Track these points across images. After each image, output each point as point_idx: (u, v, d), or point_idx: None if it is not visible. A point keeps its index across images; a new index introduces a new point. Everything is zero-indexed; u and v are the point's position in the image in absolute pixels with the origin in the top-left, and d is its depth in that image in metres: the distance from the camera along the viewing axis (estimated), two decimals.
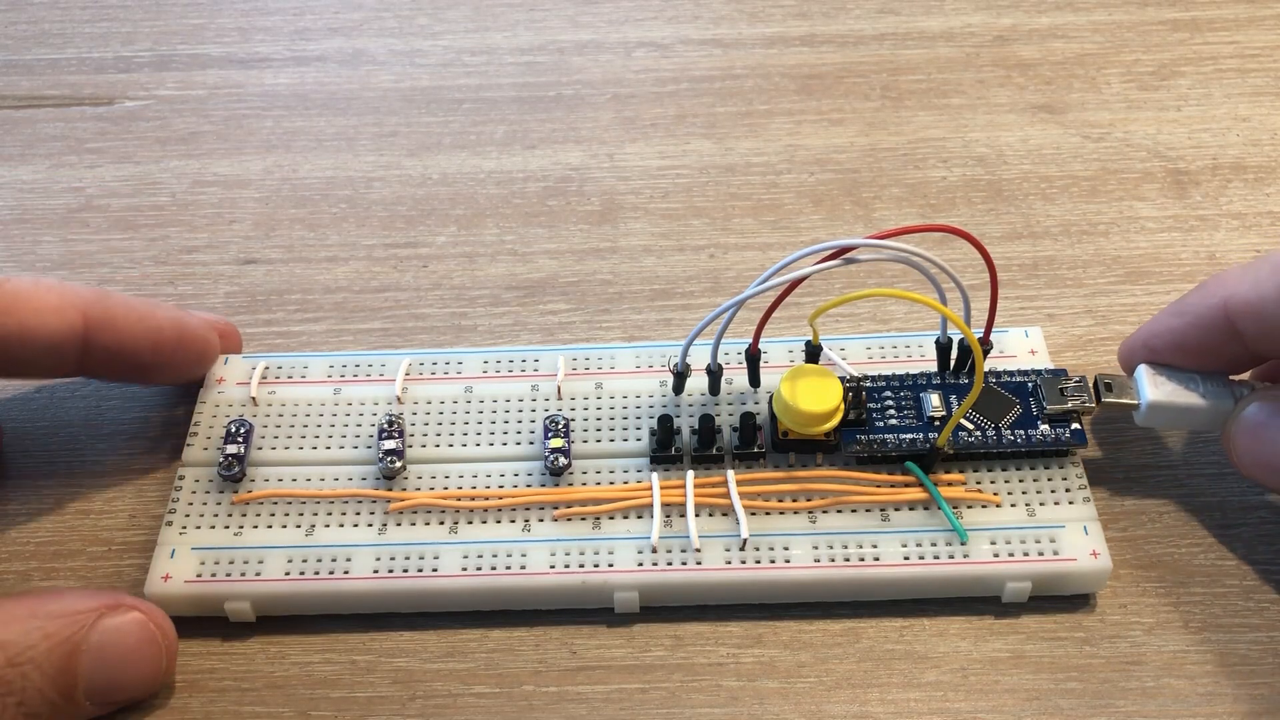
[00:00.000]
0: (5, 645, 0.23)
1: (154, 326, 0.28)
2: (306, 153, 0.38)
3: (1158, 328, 0.27)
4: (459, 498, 0.27)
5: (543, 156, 0.37)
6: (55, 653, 0.23)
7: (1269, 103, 0.38)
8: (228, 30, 0.42)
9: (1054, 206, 0.35)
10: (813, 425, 0.27)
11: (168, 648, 0.25)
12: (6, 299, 0.25)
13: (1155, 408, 0.27)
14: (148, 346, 0.28)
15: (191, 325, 0.29)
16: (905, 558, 0.26)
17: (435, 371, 0.30)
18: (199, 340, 0.29)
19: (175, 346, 0.28)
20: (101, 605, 0.24)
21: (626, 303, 0.33)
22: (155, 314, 0.28)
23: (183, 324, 0.29)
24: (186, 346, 0.29)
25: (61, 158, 0.38)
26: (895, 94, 0.39)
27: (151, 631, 0.25)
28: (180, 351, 0.28)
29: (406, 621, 0.27)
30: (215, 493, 0.28)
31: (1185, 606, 0.26)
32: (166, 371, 0.29)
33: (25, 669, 0.23)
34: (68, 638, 0.24)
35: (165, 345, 0.28)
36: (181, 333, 0.28)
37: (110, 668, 0.24)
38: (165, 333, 0.28)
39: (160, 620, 0.25)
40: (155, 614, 0.25)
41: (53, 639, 0.23)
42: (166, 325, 0.28)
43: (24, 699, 0.23)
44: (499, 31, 0.42)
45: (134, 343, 0.27)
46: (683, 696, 0.26)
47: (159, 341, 0.28)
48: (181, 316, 0.29)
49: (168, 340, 0.28)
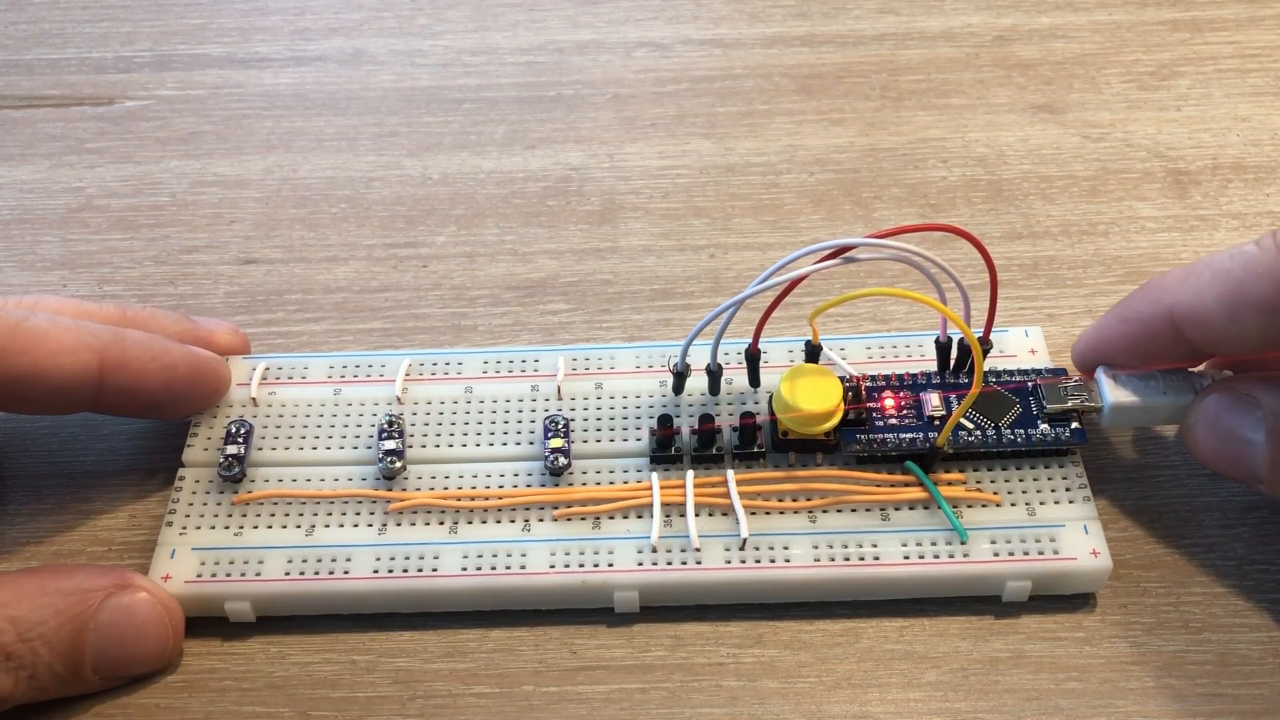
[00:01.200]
0: (16, 621, 0.24)
1: (168, 365, 0.27)
2: (306, 153, 0.38)
3: (1107, 334, 0.27)
4: (459, 498, 0.27)
5: (543, 156, 0.37)
6: (65, 629, 0.24)
7: (1269, 103, 0.38)
8: (228, 30, 0.42)
9: (1054, 206, 0.35)
10: (813, 425, 0.27)
11: (174, 627, 0.26)
12: (23, 339, 0.25)
13: (1118, 409, 0.27)
14: (161, 387, 0.27)
15: (206, 363, 0.29)
16: (905, 557, 0.26)
17: (435, 372, 0.30)
18: (212, 376, 0.29)
19: (190, 385, 0.28)
20: (111, 583, 0.25)
21: (626, 303, 0.33)
22: (170, 353, 0.28)
23: (198, 362, 0.28)
24: (201, 383, 0.28)
25: (61, 158, 0.38)
26: (895, 94, 0.39)
27: (159, 611, 0.25)
28: (195, 389, 0.28)
29: (406, 621, 0.27)
30: (215, 493, 0.28)
31: (1185, 606, 0.26)
32: (180, 409, 0.29)
33: (35, 644, 0.24)
34: (77, 614, 0.24)
35: (179, 385, 0.28)
36: (196, 372, 0.28)
37: (118, 645, 0.25)
38: (179, 371, 0.28)
39: (167, 600, 0.26)
40: (162, 594, 0.26)
41: (62, 615, 0.24)
42: (181, 365, 0.28)
43: (34, 673, 0.24)
44: (499, 31, 0.42)
45: (148, 383, 0.27)
46: (683, 696, 0.26)
47: (173, 381, 0.28)
48: (196, 355, 0.29)
49: (182, 380, 0.28)
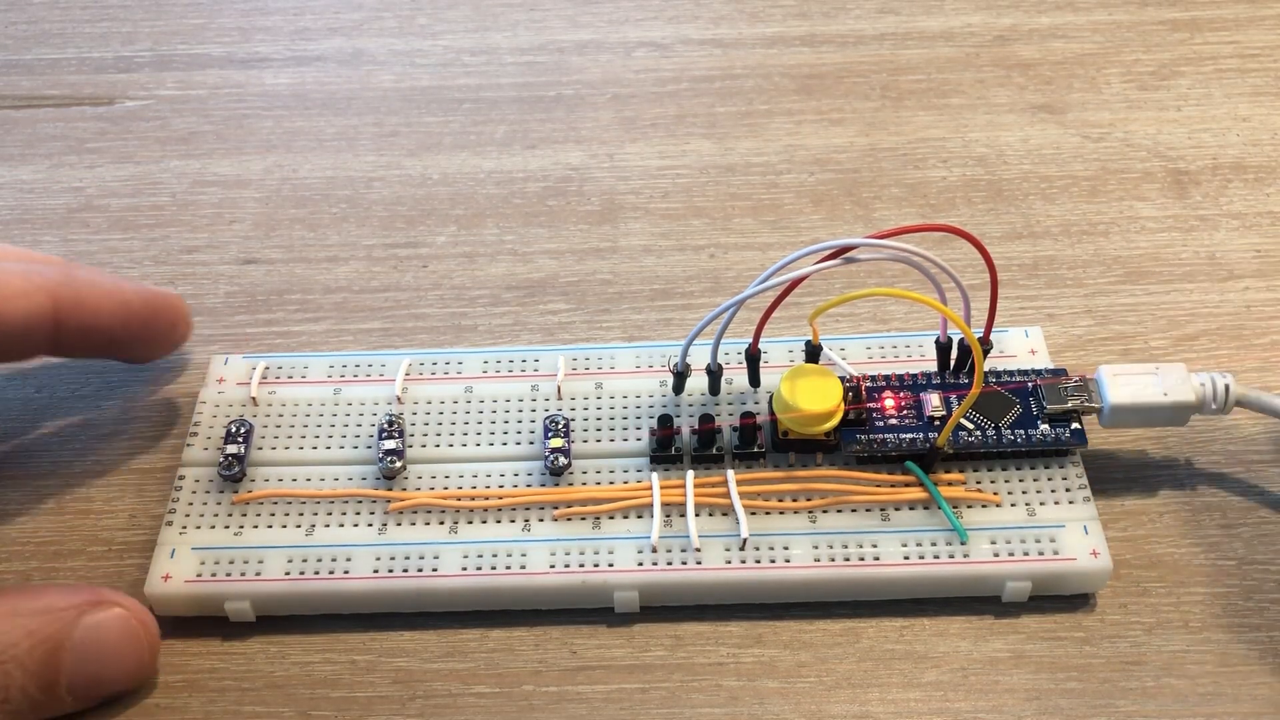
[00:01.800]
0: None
1: (122, 301, 0.27)
2: (306, 153, 0.38)
3: None
4: (459, 498, 0.27)
5: (543, 156, 0.37)
6: (38, 650, 0.23)
7: (1269, 103, 0.38)
8: (228, 30, 0.42)
9: (1054, 206, 0.35)
10: (813, 425, 0.27)
11: (150, 643, 0.25)
12: None
13: (1118, 409, 0.27)
14: (118, 322, 0.27)
15: (161, 297, 0.29)
16: (905, 557, 0.26)
17: (435, 371, 0.30)
18: (169, 309, 0.29)
19: (146, 318, 0.28)
20: (83, 601, 0.24)
21: (626, 303, 0.33)
22: (123, 288, 0.28)
23: (152, 297, 0.28)
24: (158, 316, 0.28)
25: (61, 158, 0.38)
26: (895, 94, 0.39)
27: (134, 626, 0.25)
28: (152, 322, 0.28)
29: (406, 621, 0.27)
30: (215, 493, 0.28)
31: (1185, 606, 0.26)
32: (140, 346, 0.28)
33: (8, 667, 0.23)
34: (51, 635, 0.24)
35: (135, 319, 0.28)
36: (150, 304, 0.28)
37: (93, 663, 0.24)
38: (134, 306, 0.28)
39: (142, 615, 0.25)
40: (136, 609, 0.25)
41: (35, 636, 0.23)
42: (134, 298, 0.28)
43: (7, 695, 0.23)
44: (499, 31, 0.42)
45: (105, 319, 0.27)
46: (683, 696, 0.25)
47: (129, 316, 0.27)
48: (150, 290, 0.29)
49: (137, 314, 0.28)
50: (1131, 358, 0.31)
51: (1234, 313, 0.32)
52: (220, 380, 0.30)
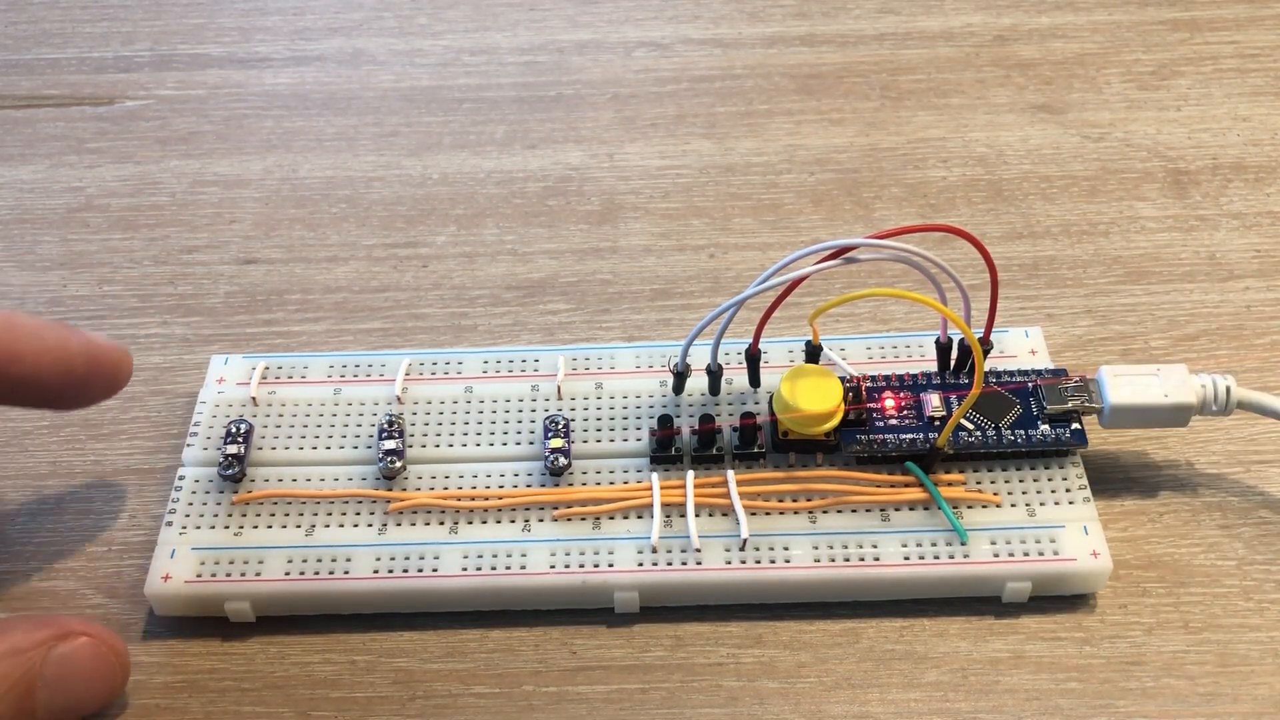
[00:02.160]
0: None
1: (63, 358, 0.26)
2: (306, 153, 0.38)
3: None
4: (459, 498, 0.27)
5: (543, 156, 0.37)
6: (12, 693, 0.23)
7: (1269, 103, 0.38)
8: (228, 30, 0.42)
9: (1054, 206, 0.35)
10: (813, 425, 0.27)
11: (120, 665, 0.25)
12: None
13: (1118, 409, 0.27)
14: (56, 377, 0.26)
15: (103, 350, 0.27)
16: (905, 558, 0.26)
17: (435, 371, 0.30)
18: (110, 365, 0.27)
19: (85, 374, 0.27)
20: (49, 635, 0.24)
21: (626, 303, 0.33)
22: (67, 343, 0.26)
23: (94, 350, 0.27)
24: (98, 373, 0.27)
25: (61, 158, 0.38)
26: (895, 94, 0.39)
27: (103, 652, 0.24)
28: (91, 378, 0.27)
29: (406, 621, 0.27)
30: (215, 493, 0.28)
31: (1185, 606, 0.26)
32: (78, 400, 0.27)
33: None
34: (22, 675, 0.23)
35: (75, 374, 0.26)
36: (93, 359, 0.27)
37: (66, 694, 0.24)
38: (75, 362, 0.26)
39: (110, 640, 0.25)
40: (103, 634, 0.25)
41: (8, 680, 0.23)
42: (76, 353, 0.26)
43: None
44: (499, 31, 0.42)
45: (43, 374, 0.26)
46: (683, 696, 0.25)
47: (69, 371, 0.26)
48: (92, 341, 0.27)
49: (78, 369, 0.26)
50: (1131, 358, 0.31)
51: (1234, 313, 0.32)
52: (220, 380, 0.30)
